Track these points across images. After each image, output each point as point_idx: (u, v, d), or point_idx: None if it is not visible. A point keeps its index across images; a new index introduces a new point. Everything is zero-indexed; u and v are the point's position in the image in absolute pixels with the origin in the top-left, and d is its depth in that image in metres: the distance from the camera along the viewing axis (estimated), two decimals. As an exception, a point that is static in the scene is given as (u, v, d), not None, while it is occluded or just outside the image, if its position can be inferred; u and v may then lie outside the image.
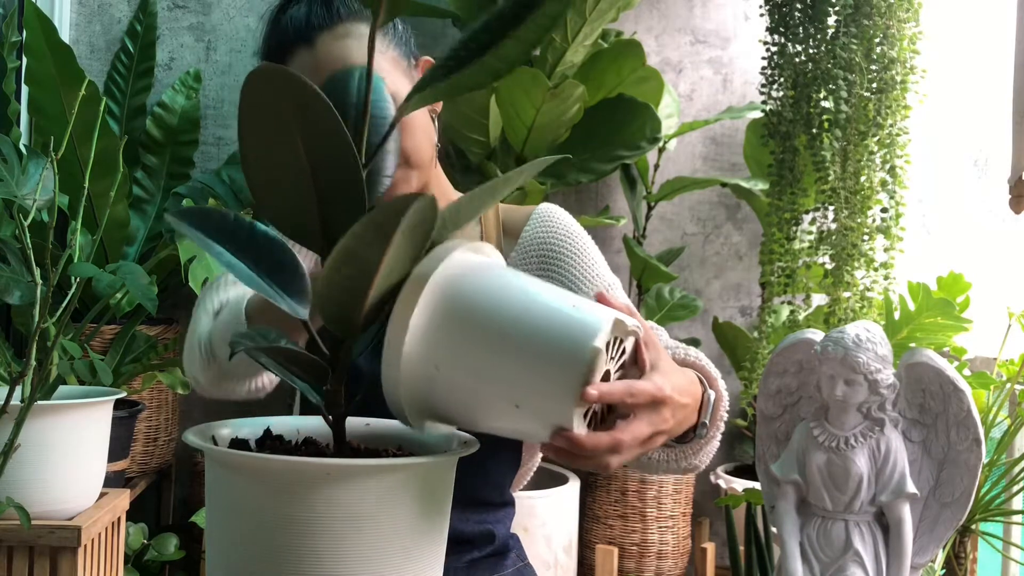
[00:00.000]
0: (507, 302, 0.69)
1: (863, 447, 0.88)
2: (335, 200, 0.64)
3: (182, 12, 2.78)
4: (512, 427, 0.71)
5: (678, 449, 1.00)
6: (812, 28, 2.23)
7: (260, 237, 0.66)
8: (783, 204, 2.27)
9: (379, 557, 0.63)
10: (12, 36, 2.33)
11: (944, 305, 1.93)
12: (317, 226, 0.65)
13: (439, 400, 0.70)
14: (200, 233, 0.64)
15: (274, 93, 0.59)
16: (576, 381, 0.67)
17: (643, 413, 0.78)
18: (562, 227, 1.19)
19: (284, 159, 0.62)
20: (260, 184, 0.64)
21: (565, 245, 1.17)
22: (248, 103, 0.61)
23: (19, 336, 2.38)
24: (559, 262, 1.16)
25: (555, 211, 1.21)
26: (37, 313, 1.17)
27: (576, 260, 1.16)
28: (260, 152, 0.63)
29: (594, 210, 2.84)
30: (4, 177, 1.34)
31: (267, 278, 0.65)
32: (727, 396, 1.03)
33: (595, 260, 1.18)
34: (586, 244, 1.19)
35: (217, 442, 0.72)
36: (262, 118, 0.61)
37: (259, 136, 0.62)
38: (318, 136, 0.61)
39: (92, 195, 2.26)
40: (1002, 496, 1.77)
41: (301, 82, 0.59)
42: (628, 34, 2.61)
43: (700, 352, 1.06)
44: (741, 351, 2.50)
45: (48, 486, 1.43)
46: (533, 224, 1.19)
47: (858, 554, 0.88)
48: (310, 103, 0.59)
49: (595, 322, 0.69)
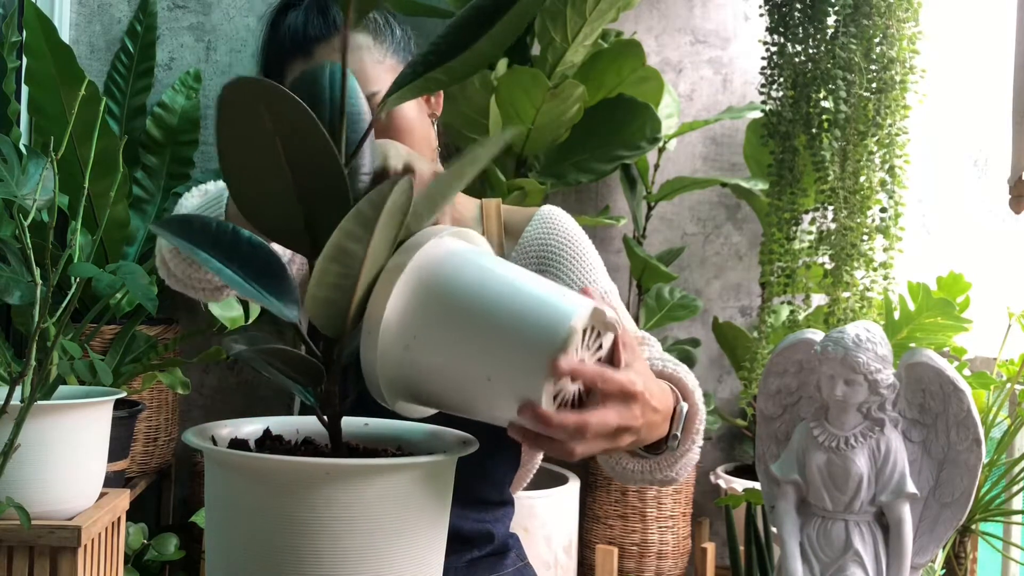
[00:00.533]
0: (487, 282, 0.70)
1: (863, 447, 0.88)
2: (319, 203, 0.64)
3: (182, 12, 2.78)
4: (483, 404, 0.71)
5: (652, 460, 0.98)
6: (811, 28, 2.23)
7: (244, 242, 0.66)
8: (783, 204, 2.27)
9: (379, 557, 0.63)
10: (12, 36, 2.33)
11: (944, 305, 1.93)
12: (302, 230, 0.65)
13: (414, 373, 0.70)
14: (184, 241, 0.64)
15: (250, 103, 0.59)
16: (549, 355, 0.67)
17: (613, 403, 0.76)
18: (563, 230, 1.19)
19: (265, 166, 0.62)
20: (243, 193, 0.64)
21: (565, 248, 1.17)
22: (225, 116, 0.60)
23: (19, 336, 2.38)
24: (557, 264, 1.16)
25: (557, 214, 1.21)
26: (37, 313, 1.17)
27: (574, 264, 1.16)
28: (241, 162, 0.63)
29: (594, 210, 2.84)
30: (4, 177, 1.34)
31: (254, 282, 0.65)
32: (704, 410, 1.02)
33: (594, 266, 1.18)
34: (586, 249, 1.19)
35: (216, 442, 0.72)
36: (240, 129, 0.61)
37: (238, 147, 0.62)
38: (298, 142, 0.61)
39: (92, 195, 2.25)
40: (1002, 496, 1.77)
41: (277, 90, 0.59)
42: (628, 34, 2.61)
43: (685, 367, 1.05)
44: (741, 351, 2.50)
45: (48, 486, 1.43)
46: (535, 225, 1.19)
47: (858, 554, 0.88)
48: (287, 110, 0.59)
49: (574, 305, 0.70)
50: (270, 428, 0.77)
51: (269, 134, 0.60)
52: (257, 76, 0.67)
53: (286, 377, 0.68)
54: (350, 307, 0.64)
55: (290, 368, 0.67)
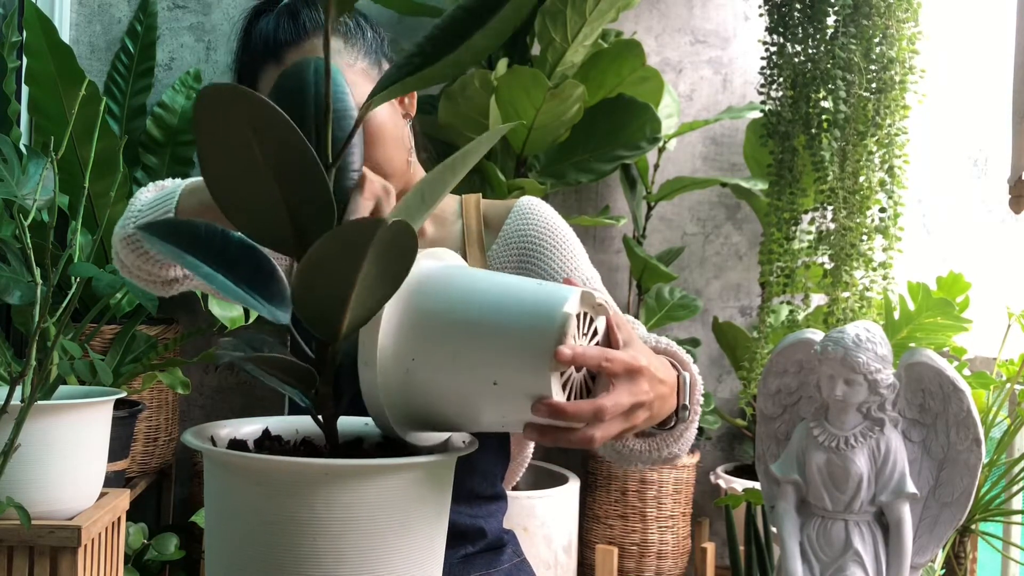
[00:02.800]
0: (474, 290, 0.71)
1: (863, 447, 0.89)
2: (304, 206, 0.64)
3: (182, 12, 2.78)
4: (494, 411, 0.71)
5: (659, 437, 1.00)
6: (811, 28, 2.23)
7: (234, 245, 0.66)
8: (782, 204, 2.27)
9: (378, 557, 0.63)
10: (12, 36, 2.33)
11: (944, 305, 1.93)
12: (290, 233, 0.65)
13: (418, 396, 0.70)
14: (171, 246, 0.64)
15: (226, 111, 0.59)
16: (549, 345, 0.67)
17: (621, 383, 0.77)
18: (542, 220, 1.18)
19: (246, 172, 0.62)
20: (227, 200, 0.64)
21: (545, 239, 1.17)
22: (203, 125, 0.60)
23: (19, 336, 2.38)
24: (538, 255, 1.16)
25: (536, 204, 1.21)
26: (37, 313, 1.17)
27: (555, 253, 1.16)
28: (222, 170, 0.62)
29: (594, 210, 2.84)
30: (4, 177, 1.35)
31: (245, 286, 0.65)
32: (701, 380, 1.03)
33: (575, 253, 1.18)
34: (567, 237, 1.19)
35: (216, 443, 0.72)
36: (219, 137, 0.60)
37: (219, 154, 0.61)
38: (276, 146, 0.60)
39: (92, 195, 2.26)
40: (1002, 496, 1.77)
41: (251, 96, 0.58)
42: (628, 34, 2.61)
43: (672, 341, 1.06)
44: (741, 351, 2.50)
45: (48, 486, 1.43)
46: (514, 218, 1.19)
47: (858, 554, 0.88)
48: (263, 115, 0.59)
49: (563, 292, 0.70)
50: (269, 428, 0.77)
51: (247, 139, 0.60)
52: (232, 82, 0.67)
53: (280, 381, 0.68)
54: (341, 316, 0.64)
55: (282, 372, 0.66)
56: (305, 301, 0.62)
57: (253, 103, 0.58)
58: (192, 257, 0.64)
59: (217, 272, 0.64)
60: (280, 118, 0.59)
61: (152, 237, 0.64)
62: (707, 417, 2.60)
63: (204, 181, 0.64)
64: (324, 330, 0.65)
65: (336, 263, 0.59)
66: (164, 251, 0.64)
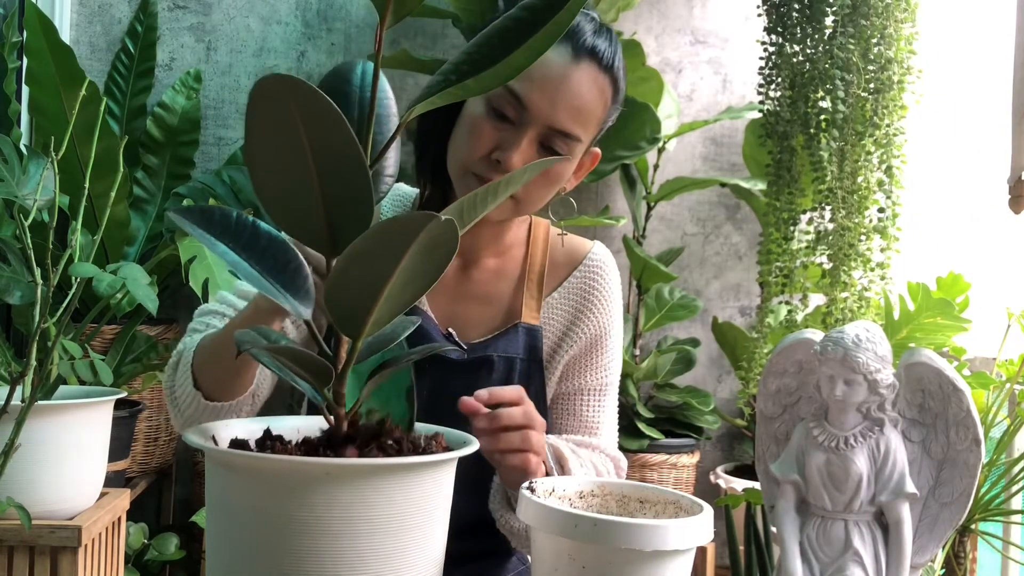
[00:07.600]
0: None
1: (863, 447, 0.89)
2: (342, 204, 0.64)
3: (182, 12, 2.78)
4: None
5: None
6: (810, 28, 2.23)
7: (263, 236, 0.66)
8: (781, 204, 2.27)
9: (379, 557, 0.63)
10: (12, 36, 2.33)
11: (943, 305, 1.94)
12: (324, 229, 0.65)
13: None
14: (203, 231, 0.64)
15: (280, 100, 0.59)
16: None
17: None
18: (613, 285, 1.23)
19: (291, 164, 0.62)
20: (266, 188, 0.64)
21: (608, 306, 1.22)
22: (256, 114, 0.60)
23: (19, 336, 2.38)
24: (588, 316, 1.21)
25: (608, 263, 1.24)
26: (37, 313, 1.17)
27: (610, 323, 1.23)
28: (267, 157, 0.63)
29: (594, 210, 2.84)
30: (5, 177, 1.35)
31: (269, 277, 0.65)
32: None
33: (619, 332, 1.25)
34: (619, 312, 1.25)
35: (217, 442, 0.72)
36: (269, 126, 0.61)
37: (266, 142, 0.62)
38: (325, 142, 0.61)
39: (92, 195, 2.26)
40: (1001, 496, 1.77)
41: (309, 89, 0.59)
42: (628, 34, 2.61)
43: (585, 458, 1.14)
44: (740, 351, 2.50)
45: (48, 486, 1.43)
46: (583, 272, 1.22)
47: (858, 554, 0.88)
48: (315, 107, 0.59)
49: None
50: (270, 428, 0.77)
51: (296, 129, 0.60)
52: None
53: (295, 375, 0.68)
54: (370, 312, 0.64)
55: (299, 367, 0.66)
56: (338, 287, 0.62)
57: (307, 94, 0.59)
58: (221, 244, 0.64)
59: (243, 260, 0.64)
60: (332, 112, 0.59)
61: (185, 221, 0.64)
62: (707, 417, 2.60)
63: (245, 161, 0.64)
64: (348, 325, 0.65)
65: (381, 250, 0.60)
66: (195, 235, 0.64)
